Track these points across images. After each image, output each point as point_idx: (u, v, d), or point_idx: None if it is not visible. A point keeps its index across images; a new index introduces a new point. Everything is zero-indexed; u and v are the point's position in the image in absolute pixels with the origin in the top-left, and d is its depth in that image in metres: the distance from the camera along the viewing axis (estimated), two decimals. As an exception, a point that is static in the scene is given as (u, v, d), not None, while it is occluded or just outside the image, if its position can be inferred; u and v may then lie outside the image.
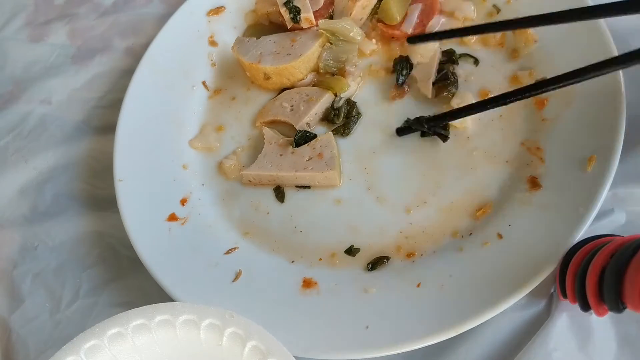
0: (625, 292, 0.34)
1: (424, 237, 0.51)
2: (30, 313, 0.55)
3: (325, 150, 0.56)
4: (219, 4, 0.68)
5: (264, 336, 0.39)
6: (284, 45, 0.62)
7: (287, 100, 0.61)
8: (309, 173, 0.55)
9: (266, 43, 0.63)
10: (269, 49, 0.62)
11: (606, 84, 0.49)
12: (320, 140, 0.57)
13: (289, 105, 0.60)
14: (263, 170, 0.56)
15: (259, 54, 0.62)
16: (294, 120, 0.59)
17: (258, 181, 0.58)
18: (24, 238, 0.60)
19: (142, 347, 0.40)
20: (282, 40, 0.63)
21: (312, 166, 0.55)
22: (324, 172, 0.55)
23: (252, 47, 0.63)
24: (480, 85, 0.57)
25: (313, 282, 0.50)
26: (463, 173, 0.53)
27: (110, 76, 0.71)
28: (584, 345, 0.43)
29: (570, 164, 0.48)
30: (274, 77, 0.62)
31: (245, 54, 0.62)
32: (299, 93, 0.61)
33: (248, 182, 0.58)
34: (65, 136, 0.67)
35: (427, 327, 0.43)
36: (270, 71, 0.61)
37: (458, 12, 0.61)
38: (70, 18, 0.78)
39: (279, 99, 0.62)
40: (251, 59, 0.61)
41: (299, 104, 0.60)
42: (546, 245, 0.44)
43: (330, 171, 0.55)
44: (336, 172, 0.55)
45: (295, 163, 0.56)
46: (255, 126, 0.62)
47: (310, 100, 0.60)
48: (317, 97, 0.60)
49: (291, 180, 0.56)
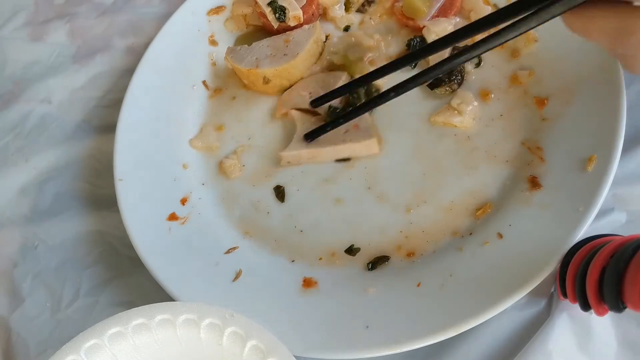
0: (625, 292, 0.34)
1: (424, 237, 0.51)
2: (31, 312, 0.55)
3: (360, 121, 0.56)
4: (220, 4, 0.68)
5: (264, 335, 0.39)
6: (278, 47, 0.62)
7: (304, 89, 0.61)
8: (348, 145, 0.55)
9: (260, 48, 0.63)
10: (264, 52, 0.62)
11: (606, 83, 0.49)
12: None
13: (307, 93, 0.60)
14: (301, 148, 0.57)
15: (254, 59, 0.62)
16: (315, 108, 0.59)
17: (297, 161, 0.58)
18: (24, 237, 0.60)
19: (142, 346, 0.41)
20: (276, 42, 0.63)
21: (351, 138, 0.56)
22: (363, 141, 0.55)
23: (246, 54, 0.63)
24: (480, 85, 0.57)
25: (313, 282, 0.50)
26: (463, 173, 0.53)
27: (111, 76, 0.71)
28: (584, 345, 0.43)
29: (571, 163, 0.48)
30: (274, 80, 0.62)
31: (240, 62, 0.62)
32: (315, 80, 0.61)
33: (287, 164, 0.58)
34: (65, 136, 0.67)
35: (427, 327, 0.43)
36: (269, 74, 0.61)
37: (474, 14, 0.60)
38: (70, 17, 0.78)
39: (296, 88, 0.62)
40: (248, 65, 0.61)
41: (318, 90, 0.60)
42: (546, 245, 0.44)
43: (370, 139, 0.55)
44: (375, 139, 0.55)
45: (332, 138, 0.56)
46: (275, 117, 0.62)
47: (328, 84, 0.60)
48: (334, 80, 0.60)
49: (330, 155, 0.57)
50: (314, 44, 0.62)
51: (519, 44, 0.57)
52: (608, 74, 0.49)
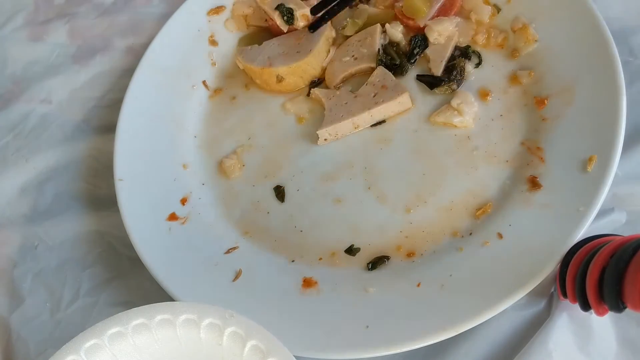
0: (625, 292, 0.34)
1: (424, 237, 0.51)
2: (31, 312, 0.55)
3: (386, 81, 0.57)
4: (220, 4, 0.68)
5: (264, 335, 0.39)
6: (290, 45, 0.62)
7: (344, 55, 0.62)
8: (382, 106, 0.56)
9: (271, 47, 0.63)
10: (275, 51, 0.62)
11: (606, 83, 0.49)
12: (375, 75, 0.59)
13: (350, 57, 0.61)
14: (336, 121, 0.57)
15: (266, 58, 0.62)
16: (367, 63, 0.60)
17: (334, 135, 0.58)
18: (24, 237, 0.60)
19: (143, 346, 0.40)
20: (287, 40, 0.63)
21: (382, 98, 0.56)
22: (397, 98, 0.56)
23: (257, 53, 0.63)
24: (480, 85, 0.57)
25: (313, 282, 0.50)
26: (463, 173, 0.53)
27: (111, 76, 0.71)
28: (584, 345, 0.43)
29: (571, 163, 0.48)
30: (288, 78, 0.61)
31: (252, 61, 0.62)
32: (349, 44, 0.62)
33: (324, 141, 0.58)
34: (65, 136, 0.67)
35: (427, 327, 0.43)
36: (283, 72, 0.61)
37: (474, 14, 0.60)
38: (70, 17, 0.78)
39: (336, 59, 0.62)
40: (261, 64, 0.61)
41: (359, 49, 0.61)
42: (546, 245, 0.44)
43: (402, 94, 0.56)
44: (407, 93, 0.56)
45: (364, 103, 0.57)
46: (312, 97, 0.61)
47: (366, 40, 0.61)
48: (369, 35, 0.61)
49: (367, 120, 0.57)
50: (326, 41, 0.62)
51: (519, 44, 0.57)
52: (608, 74, 0.49)
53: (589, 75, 0.51)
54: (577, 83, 0.52)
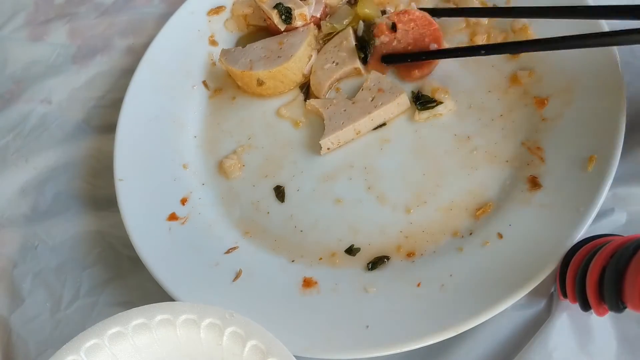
0: (625, 292, 0.34)
1: (424, 237, 0.51)
2: (31, 312, 0.55)
3: (382, 84, 0.58)
4: (220, 4, 0.68)
5: (264, 335, 0.39)
6: (272, 49, 0.62)
7: (324, 62, 0.62)
8: (381, 109, 0.56)
9: (254, 50, 0.63)
10: (258, 54, 0.62)
11: (606, 83, 0.49)
12: (369, 79, 0.59)
13: (332, 64, 0.61)
14: (338, 129, 0.57)
15: (248, 61, 0.62)
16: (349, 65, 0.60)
17: (337, 143, 0.58)
18: (24, 237, 0.60)
19: (143, 346, 0.41)
20: (270, 44, 0.63)
21: (381, 101, 0.57)
22: (395, 99, 0.56)
23: (240, 56, 0.63)
24: (480, 85, 0.57)
25: (313, 282, 0.50)
26: (463, 173, 0.53)
27: (111, 76, 0.71)
28: (584, 345, 0.43)
29: (571, 163, 0.48)
30: (268, 82, 0.61)
31: (235, 63, 0.62)
32: (326, 51, 0.63)
33: (327, 150, 0.58)
34: (65, 136, 0.67)
35: (427, 327, 0.43)
36: (263, 76, 0.61)
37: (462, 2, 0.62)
38: (70, 17, 0.78)
39: (317, 68, 0.62)
40: (242, 67, 0.61)
41: (337, 54, 0.61)
42: (546, 245, 0.44)
43: (400, 95, 0.56)
44: (404, 94, 0.57)
45: (363, 108, 0.57)
46: (308, 109, 0.61)
47: (342, 44, 0.61)
48: (343, 38, 0.62)
49: (368, 125, 0.57)
50: (308, 47, 0.62)
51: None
52: (608, 74, 0.49)
53: (589, 76, 0.51)
54: (578, 83, 0.52)
